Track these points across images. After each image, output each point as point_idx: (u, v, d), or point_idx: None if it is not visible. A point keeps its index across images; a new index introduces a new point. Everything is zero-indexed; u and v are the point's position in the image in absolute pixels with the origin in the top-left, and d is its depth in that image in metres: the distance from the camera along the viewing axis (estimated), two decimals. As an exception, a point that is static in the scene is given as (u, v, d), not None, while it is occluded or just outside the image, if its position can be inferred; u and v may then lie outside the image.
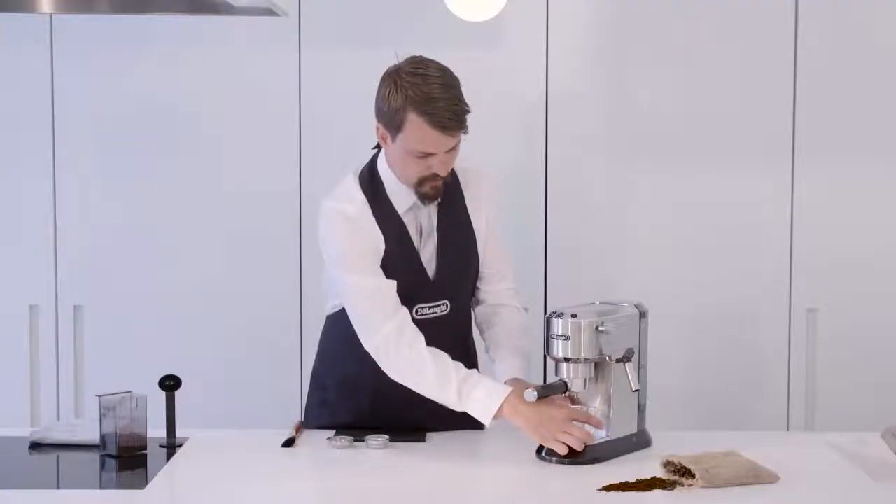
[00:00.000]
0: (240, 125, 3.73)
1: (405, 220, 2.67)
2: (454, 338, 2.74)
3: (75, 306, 3.77)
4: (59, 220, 3.76)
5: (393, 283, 2.61)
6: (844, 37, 3.67)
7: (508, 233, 3.06)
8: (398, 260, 2.65)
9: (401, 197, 2.66)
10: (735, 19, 3.68)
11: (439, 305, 2.71)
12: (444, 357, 2.59)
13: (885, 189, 3.71)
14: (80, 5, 3.12)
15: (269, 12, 2.90)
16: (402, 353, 2.58)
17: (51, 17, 3.68)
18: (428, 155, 2.55)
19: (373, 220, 2.63)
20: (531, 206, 3.71)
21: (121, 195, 3.75)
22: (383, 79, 2.59)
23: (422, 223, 2.70)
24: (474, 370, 2.66)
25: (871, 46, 3.68)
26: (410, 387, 2.59)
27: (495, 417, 2.56)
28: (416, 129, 2.51)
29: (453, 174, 2.74)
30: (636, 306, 2.65)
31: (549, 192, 3.72)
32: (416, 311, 2.67)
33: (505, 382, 2.65)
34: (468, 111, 2.56)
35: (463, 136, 2.58)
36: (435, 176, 2.59)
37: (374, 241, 2.62)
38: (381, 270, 2.62)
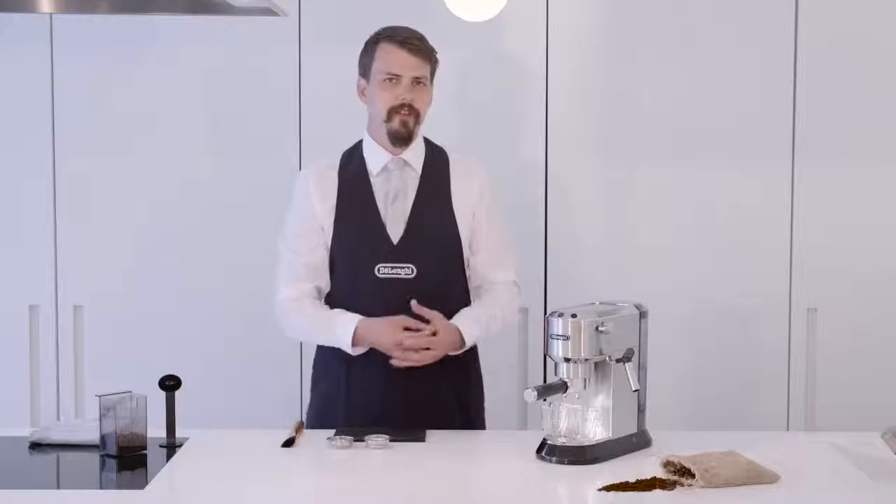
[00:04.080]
0: (240, 125, 3.73)
1: (376, 182, 2.88)
2: (421, 303, 2.80)
3: (75, 306, 3.77)
4: (59, 220, 3.75)
5: (308, 259, 2.87)
6: (844, 37, 3.67)
7: (509, 234, 3.06)
8: (357, 216, 2.85)
9: (375, 158, 2.89)
10: (735, 19, 3.68)
11: (404, 268, 2.83)
12: (312, 305, 2.87)
13: (885, 189, 3.71)
14: (80, 5, 3.12)
15: (269, 12, 2.91)
16: (281, 311, 2.90)
17: (51, 16, 3.68)
18: (395, 78, 2.81)
19: (334, 177, 2.89)
20: (531, 206, 3.70)
21: (121, 195, 3.75)
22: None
23: (391, 187, 2.87)
24: (337, 309, 2.85)
25: (872, 47, 3.68)
26: (299, 339, 3.17)
27: (355, 345, 2.79)
28: (385, 52, 2.83)
29: (444, 159, 2.92)
30: (636, 306, 2.66)
31: (549, 192, 3.72)
32: (378, 270, 2.83)
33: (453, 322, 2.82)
34: (433, 49, 2.87)
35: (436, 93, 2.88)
36: (402, 106, 2.82)
37: (317, 207, 2.87)
38: (305, 244, 2.88)
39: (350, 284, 2.87)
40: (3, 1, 3.04)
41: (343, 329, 2.80)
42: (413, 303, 2.78)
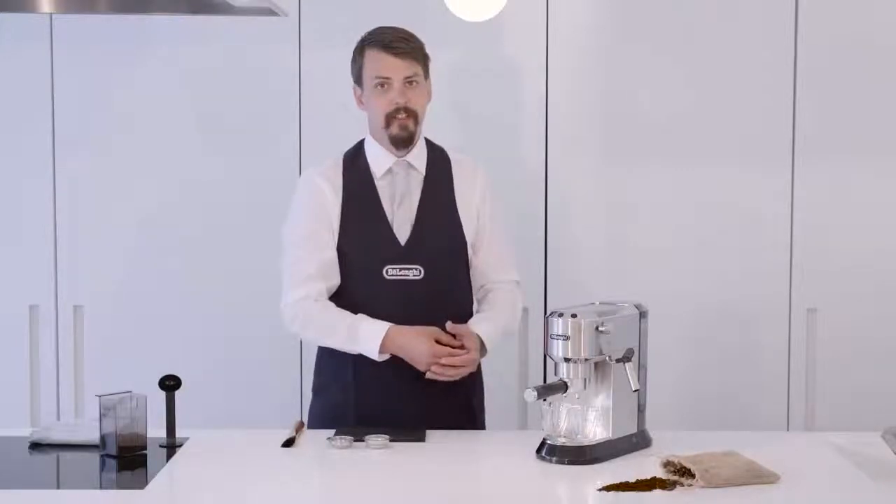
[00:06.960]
0: (240, 125, 3.73)
1: (381, 184, 2.87)
2: (429, 304, 2.82)
3: (75, 306, 3.77)
4: (59, 220, 3.75)
5: (321, 257, 2.83)
6: (844, 37, 3.67)
7: (508, 233, 3.06)
8: (363, 218, 2.84)
9: (379, 161, 2.87)
10: (735, 19, 3.68)
11: (411, 269, 2.83)
12: (332, 308, 2.81)
13: (885, 189, 3.71)
14: (80, 5, 3.12)
15: (269, 12, 2.91)
16: (302, 313, 2.82)
17: (51, 16, 3.68)
18: (386, 83, 2.79)
19: (339, 179, 2.87)
20: (531, 207, 3.70)
21: (120, 195, 3.75)
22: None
23: (396, 189, 2.86)
24: (361, 315, 2.79)
25: (872, 46, 3.68)
26: (313, 342, 2.91)
27: (381, 352, 2.75)
28: (372, 59, 2.82)
29: (446, 160, 2.92)
30: (636, 306, 2.66)
31: (549, 192, 3.72)
32: (387, 272, 2.82)
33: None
34: (421, 45, 2.85)
35: (432, 88, 2.88)
36: (398, 111, 2.80)
37: (329, 206, 2.84)
38: (317, 242, 2.84)
39: (357, 286, 2.84)
40: (3, 1, 3.03)
41: (369, 336, 2.75)
42: (448, 324, 2.76)
